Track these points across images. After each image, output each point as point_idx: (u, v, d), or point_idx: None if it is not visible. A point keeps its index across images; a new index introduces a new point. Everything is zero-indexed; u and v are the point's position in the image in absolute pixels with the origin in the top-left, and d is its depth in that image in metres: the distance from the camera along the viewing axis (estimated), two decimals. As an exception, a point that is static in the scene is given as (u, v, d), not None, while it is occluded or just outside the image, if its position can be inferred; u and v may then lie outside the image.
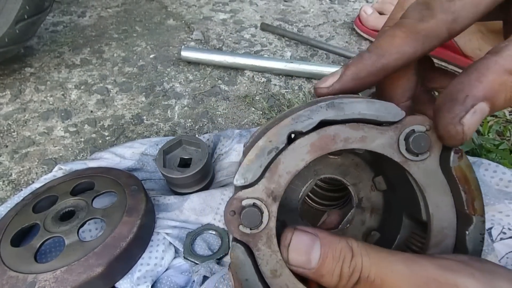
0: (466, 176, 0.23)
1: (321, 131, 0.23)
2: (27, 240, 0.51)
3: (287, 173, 0.23)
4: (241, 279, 0.23)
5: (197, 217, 0.56)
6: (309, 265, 0.21)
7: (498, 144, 0.69)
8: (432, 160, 0.24)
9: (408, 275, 0.20)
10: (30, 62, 0.98)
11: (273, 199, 0.23)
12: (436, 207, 0.24)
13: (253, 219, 0.22)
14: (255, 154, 0.23)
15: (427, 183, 0.24)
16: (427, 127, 0.23)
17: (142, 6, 1.29)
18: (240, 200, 0.22)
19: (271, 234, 0.22)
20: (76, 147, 0.74)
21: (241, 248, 0.22)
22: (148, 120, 0.80)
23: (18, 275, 0.42)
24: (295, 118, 0.23)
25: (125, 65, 0.98)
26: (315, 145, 0.23)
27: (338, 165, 0.33)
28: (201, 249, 0.52)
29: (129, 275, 0.47)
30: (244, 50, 1.04)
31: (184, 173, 0.55)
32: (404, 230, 0.30)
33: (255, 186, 0.22)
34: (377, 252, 0.21)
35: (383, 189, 0.32)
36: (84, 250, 0.45)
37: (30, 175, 0.68)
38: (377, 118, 0.23)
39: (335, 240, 0.21)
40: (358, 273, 0.20)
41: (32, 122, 0.79)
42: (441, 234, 0.24)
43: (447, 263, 0.20)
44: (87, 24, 1.16)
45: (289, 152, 0.23)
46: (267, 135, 0.23)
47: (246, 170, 0.22)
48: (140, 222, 0.49)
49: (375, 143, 0.23)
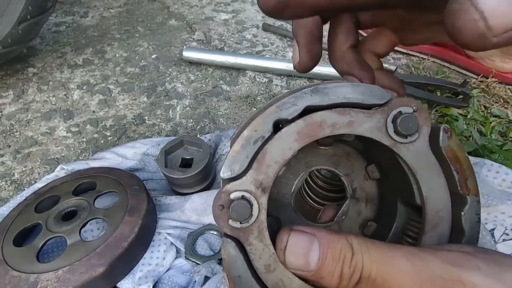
0: (457, 156, 0.23)
1: (307, 118, 0.22)
2: (29, 240, 0.52)
3: (275, 162, 0.22)
4: (233, 276, 0.22)
5: (198, 217, 0.56)
6: (308, 267, 0.20)
7: (501, 145, 0.68)
8: (421, 141, 0.23)
9: (411, 272, 0.19)
10: (33, 62, 0.98)
11: (262, 191, 0.22)
12: (429, 189, 0.24)
13: (243, 212, 0.21)
14: (241, 145, 0.22)
15: (418, 165, 0.23)
16: (414, 108, 0.23)
17: (144, 6, 1.29)
18: (228, 193, 0.22)
19: (262, 227, 0.22)
20: (78, 147, 0.74)
21: (231, 243, 0.22)
22: (150, 120, 0.81)
23: (21, 275, 0.43)
24: (280, 105, 0.22)
25: (127, 65, 0.98)
26: (302, 133, 0.22)
27: (330, 156, 0.33)
28: (202, 249, 0.52)
29: (130, 275, 0.47)
30: (245, 50, 1.04)
31: (186, 173, 0.55)
32: (400, 217, 0.29)
33: (243, 178, 0.22)
34: (378, 248, 0.20)
35: (376, 177, 0.31)
36: (86, 250, 0.45)
37: (32, 175, 0.68)
38: (363, 101, 0.23)
39: (334, 239, 0.20)
40: (359, 273, 0.19)
41: (34, 122, 0.80)
42: (437, 217, 0.24)
43: (452, 256, 0.19)
44: (89, 25, 1.17)
45: (276, 141, 0.22)
46: (252, 124, 0.22)
47: (232, 161, 0.22)
48: (141, 222, 0.49)
49: (363, 127, 0.23)
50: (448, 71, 0.94)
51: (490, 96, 0.85)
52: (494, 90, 0.85)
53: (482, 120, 0.77)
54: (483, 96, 0.85)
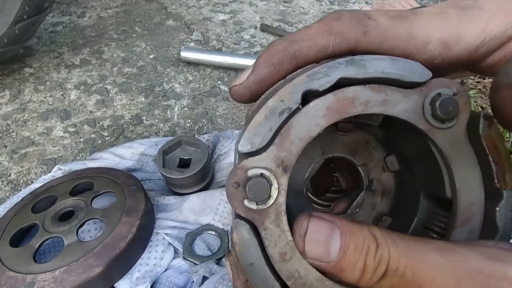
0: (497, 146, 0.21)
1: (338, 92, 0.20)
2: (26, 240, 0.51)
3: (299, 139, 0.20)
4: (245, 263, 0.20)
5: (196, 218, 0.56)
6: (328, 257, 0.18)
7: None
8: (459, 127, 0.21)
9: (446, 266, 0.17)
10: (30, 62, 0.98)
11: (283, 170, 0.19)
12: (463, 181, 0.21)
13: (261, 192, 0.19)
14: (265, 115, 0.19)
15: (453, 154, 0.21)
16: (455, 91, 0.21)
17: (141, 6, 1.29)
18: (245, 169, 0.19)
19: (280, 211, 0.19)
20: (76, 147, 0.74)
21: (246, 226, 0.19)
22: (147, 121, 0.80)
23: (17, 275, 0.42)
24: (311, 75, 0.20)
25: (124, 66, 0.98)
26: (332, 108, 0.20)
27: (348, 143, 0.30)
28: (200, 249, 0.52)
29: (128, 276, 0.47)
30: (243, 50, 1.05)
31: (184, 173, 0.55)
32: (422, 212, 0.27)
33: (263, 153, 0.19)
34: (405, 241, 0.18)
35: (395, 169, 0.29)
36: (83, 250, 0.44)
37: (29, 175, 0.68)
38: (402, 78, 0.20)
39: (356, 229, 0.18)
40: (385, 266, 0.17)
41: (31, 122, 0.79)
42: (469, 212, 0.22)
43: (491, 251, 0.17)
44: (86, 25, 1.16)
45: (303, 115, 0.20)
46: (279, 93, 0.20)
47: (253, 133, 0.19)
48: (139, 222, 0.49)
49: (398, 108, 0.21)
50: (445, 71, 0.95)
51: (487, 97, 0.85)
52: (491, 90, 0.86)
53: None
54: (480, 96, 0.85)
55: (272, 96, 0.20)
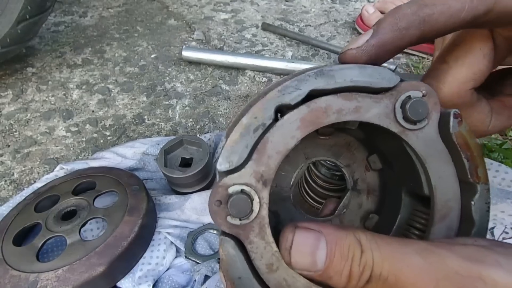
0: (468, 142, 0.22)
1: (311, 103, 0.21)
2: (29, 239, 0.51)
3: (277, 153, 0.20)
4: (233, 277, 0.20)
5: (198, 217, 0.56)
6: (315, 267, 0.19)
7: (501, 144, 0.68)
8: (430, 127, 0.22)
9: (426, 269, 0.17)
10: (32, 62, 0.98)
11: (263, 184, 0.20)
12: (438, 178, 0.22)
13: (242, 207, 0.19)
14: (240, 133, 0.20)
15: (427, 153, 0.22)
16: (424, 92, 0.21)
17: (143, 6, 1.29)
18: (226, 187, 0.20)
19: (263, 224, 0.20)
20: (78, 146, 0.74)
21: (231, 242, 0.20)
22: (149, 120, 0.81)
23: (20, 274, 0.42)
24: (282, 90, 0.20)
25: (126, 65, 0.98)
26: (306, 120, 0.21)
27: (330, 146, 0.31)
28: (202, 248, 0.52)
29: (130, 275, 0.47)
30: (245, 50, 1.04)
31: (185, 172, 0.55)
32: (404, 209, 0.28)
33: (242, 170, 0.20)
34: (389, 244, 0.19)
35: (378, 168, 0.30)
36: (86, 250, 0.45)
37: (32, 175, 0.68)
38: (371, 85, 0.21)
39: (342, 236, 0.19)
40: (369, 271, 0.18)
41: (34, 122, 0.80)
42: (446, 207, 0.22)
43: (468, 251, 0.18)
44: (88, 24, 1.17)
45: (278, 129, 0.20)
46: (252, 111, 0.20)
47: (230, 152, 0.20)
48: (141, 221, 0.49)
49: (370, 113, 0.21)
50: (448, 70, 0.94)
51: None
52: (493, 89, 0.85)
53: (481, 119, 0.77)
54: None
55: (246, 113, 0.21)
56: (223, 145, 0.22)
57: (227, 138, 0.21)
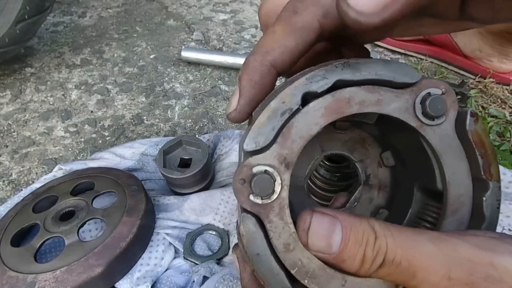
0: (483, 141, 0.22)
1: (335, 93, 0.22)
2: (27, 240, 0.51)
3: (300, 138, 0.21)
4: (252, 254, 0.21)
5: (197, 217, 0.56)
6: (330, 250, 0.20)
7: (499, 145, 0.69)
8: (447, 124, 0.23)
9: (438, 255, 0.18)
10: (31, 62, 0.98)
11: (285, 166, 0.21)
12: (452, 174, 0.23)
13: (265, 187, 0.20)
14: (267, 116, 0.21)
15: (443, 148, 0.23)
16: (443, 90, 0.22)
17: (142, 6, 1.29)
18: (250, 167, 0.21)
19: (283, 205, 0.21)
20: (76, 147, 0.74)
21: (252, 219, 0.21)
22: (148, 120, 0.80)
23: (18, 275, 0.42)
24: (310, 78, 0.22)
25: (125, 65, 0.98)
26: (330, 108, 0.21)
27: (345, 141, 0.32)
28: (201, 249, 0.52)
29: (129, 275, 0.47)
30: (244, 50, 1.04)
31: (184, 173, 0.55)
32: (415, 204, 0.29)
33: (267, 151, 0.21)
34: (402, 232, 0.19)
35: (391, 164, 0.31)
36: (84, 250, 0.45)
37: (30, 175, 0.68)
38: (394, 79, 0.22)
39: (356, 222, 0.20)
40: (383, 256, 0.19)
41: (32, 122, 0.79)
42: (458, 202, 0.23)
43: (480, 240, 0.19)
44: (87, 25, 1.17)
45: (303, 115, 0.21)
46: (280, 96, 0.21)
47: (257, 133, 0.21)
48: (140, 222, 0.49)
49: (391, 107, 0.22)
50: (446, 71, 0.95)
51: (487, 97, 0.85)
52: (492, 90, 0.86)
53: (479, 120, 0.77)
54: (481, 96, 0.85)
55: (274, 98, 0.21)
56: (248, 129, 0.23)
57: (254, 120, 0.22)
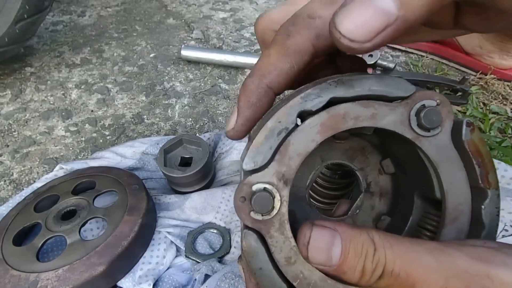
0: (479, 150, 0.23)
1: (330, 110, 0.22)
2: (29, 239, 0.51)
3: (297, 155, 0.22)
4: (254, 268, 0.22)
5: (198, 216, 0.56)
6: (330, 262, 0.20)
7: (500, 142, 0.69)
8: (443, 135, 0.23)
9: (436, 267, 0.18)
10: (30, 62, 0.98)
11: (284, 183, 0.22)
12: (450, 183, 0.23)
13: (265, 204, 0.21)
14: (264, 136, 0.22)
15: (440, 159, 0.23)
16: (438, 102, 0.22)
17: (142, 5, 1.29)
18: (250, 185, 0.21)
19: (283, 220, 0.22)
20: (77, 146, 0.74)
21: (253, 235, 0.21)
22: (148, 119, 0.80)
23: (20, 274, 0.42)
24: (304, 97, 0.22)
25: (125, 65, 0.98)
26: (325, 125, 0.22)
27: (345, 150, 0.33)
28: (202, 247, 0.52)
29: (130, 274, 0.47)
30: (244, 49, 1.04)
31: (185, 172, 0.55)
32: (416, 211, 0.29)
33: (265, 170, 0.22)
34: (401, 243, 0.20)
35: (391, 172, 0.31)
36: (86, 249, 0.45)
37: (31, 175, 0.68)
38: (388, 94, 0.22)
39: (356, 234, 0.20)
40: (382, 268, 0.19)
41: (33, 122, 0.79)
42: (457, 211, 0.24)
43: (477, 251, 0.19)
44: (87, 24, 1.16)
45: (299, 133, 0.22)
46: (276, 115, 0.22)
47: (256, 152, 0.22)
48: (141, 221, 0.49)
49: (386, 120, 0.23)
50: (447, 68, 0.94)
51: (489, 93, 0.85)
52: (493, 87, 0.85)
53: (481, 117, 0.77)
54: (482, 93, 0.85)
55: (270, 117, 0.22)
56: (247, 147, 0.23)
57: (252, 140, 0.23)
